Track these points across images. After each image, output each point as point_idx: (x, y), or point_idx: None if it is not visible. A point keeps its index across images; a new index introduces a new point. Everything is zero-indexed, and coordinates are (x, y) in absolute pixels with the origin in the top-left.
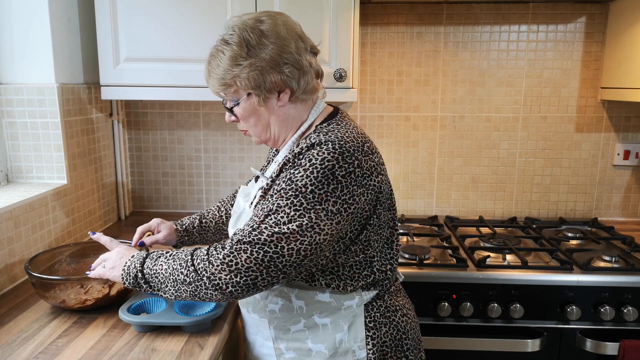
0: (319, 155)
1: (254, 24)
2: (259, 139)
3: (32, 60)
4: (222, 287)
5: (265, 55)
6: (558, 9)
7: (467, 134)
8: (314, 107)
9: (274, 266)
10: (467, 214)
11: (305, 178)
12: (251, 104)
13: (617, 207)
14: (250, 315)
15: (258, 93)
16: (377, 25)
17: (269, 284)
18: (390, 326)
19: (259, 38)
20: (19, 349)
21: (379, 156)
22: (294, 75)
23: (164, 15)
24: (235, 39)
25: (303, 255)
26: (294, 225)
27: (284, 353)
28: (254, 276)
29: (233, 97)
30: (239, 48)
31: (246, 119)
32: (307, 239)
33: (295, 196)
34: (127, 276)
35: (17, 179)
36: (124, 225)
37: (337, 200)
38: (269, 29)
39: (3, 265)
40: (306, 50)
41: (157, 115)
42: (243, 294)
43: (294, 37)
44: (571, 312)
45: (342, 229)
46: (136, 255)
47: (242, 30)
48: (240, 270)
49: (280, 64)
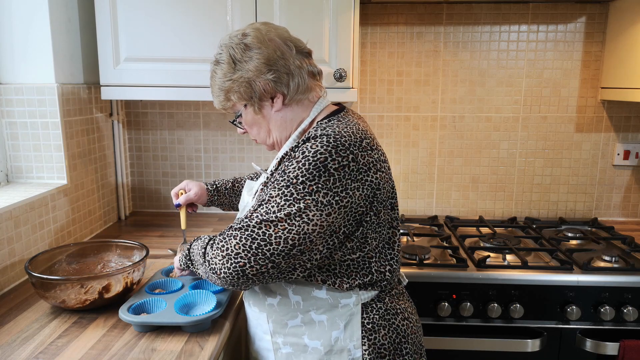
0: (313, 148)
1: (239, 40)
2: (267, 145)
3: (32, 60)
4: (217, 272)
5: (250, 66)
6: (558, 9)
7: (467, 134)
8: (316, 105)
9: (261, 253)
10: (467, 214)
11: (297, 170)
12: (250, 114)
13: (617, 207)
14: (251, 309)
15: (252, 103)
16: (377, 25)
17: (258, 272)
18: (389, 329)
19: (243, 52)
20: (19, 349)
21: (379, 153)
22: (283, 80)
23: (164, 15)
24: (223, 57)
25: (291, 244)
26: (282, 214)
27: (281, 347)
28: (242, 263)
29: (234, 110)
30: (227, 65)
31: (250, 128)
32: (294, 228)
33: (286, 187)
34: (184, 258)
35: (17, 179)
36: (124, 225)
37: (328, 192)
38: (252, 42)
39: (3, 265)
40: (293, 54)
41: (157, 115)
42: (236, 282)
43: (277, 43)
44: (571, 312)
45: (333, 222)
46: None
47: (229, 48)
48: (230, 256)
49: (265, 72)
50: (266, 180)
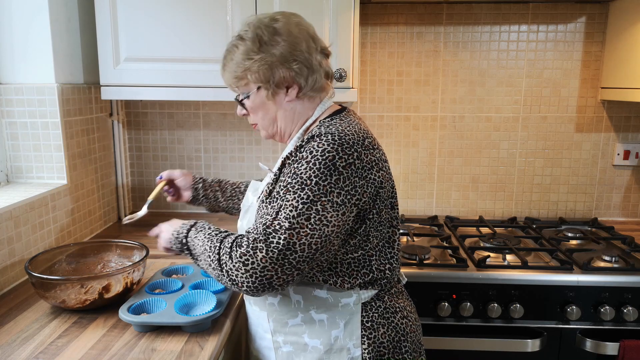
0: (319, 146)
1: (268, 22)
2: (267, 133)
3: (32, 60)
4: (238, 284)
5: (276, 51)
6: (558, 9)
7: (467, 134)
8: (320, 105)
9: (288, 263)
10: (467, 214)
11: (309, 170)
12: (260, 97)
13: (617, 207)
14: (252, 308)
15: (267, 87)
16: (377, 25)
17: (284, 282)
18: (388, 327)
19: (271, 35)
20: (19, 349)
21: (380, 152)
22: (303, 73)
23: (164, 15)
24: (249, 35)
25: (315, 249)
26: (302, 219)
27: (281, 346)
28: (270, 275)
29: (244, 90)
30: (252, 43)
31: (255, 111)
32: (316, 232)
33: (301, 189)
34: (175, 240)
35: (17, 179)
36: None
37: (341, 192)
38: (281, 27)
39: (3, 265)
40: (317, 51)
41: (157, 115)
42: (259, 293)
43: (305, 36)
44: (571, 312)
45: (347, 221)
46: (185, 223)
47: (257, 28)
48: (256, 270)
49: (289, 61)
50: (271, 182)
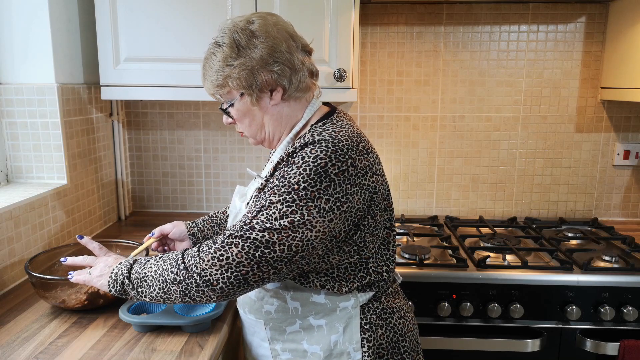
0: (312, 153)
1: (244, 25)
2: (255, 140)
3: (32, 60)
4: (212, 283)
5: (255, 54)
6: (558, 9)
7: (467, 134)
8: (309, 106)
9: (264, 261)
10: (467, 214)
11: (298, 175)
12: (244, 104)
13: (617, 207)
14: (247, 316)
15: (250, 92)
16: (377, 25)
17: (259, 279)
18: (386, 328)
19: (248, 38)
20: (19, 349)
21: (374, 156)
22: (285, 74)
23: (164, 16)
24: (226, 41)
25: (294, 251)
26: (286, 222)
27: (279, 354)
28: (245, 271)
29: (227, 98)
30: (230, 49)
31: (241, 119)
32: (298, 235)
33: (287, 193)
34: (114, 283)
35: (17, 179)
36: (124, 225)
37: (330, 198)
38: (258, 29)
39: (3, 265)
40: (298, 49)
41: (157, 115)
42: (234, 291)
43: (284, 36)
44: (571, 312)
45: (335, 228)
46: (124, 262)
47: (233, 32)
48: (231, 265)
49: (270, 63)
50: (261, 186)
